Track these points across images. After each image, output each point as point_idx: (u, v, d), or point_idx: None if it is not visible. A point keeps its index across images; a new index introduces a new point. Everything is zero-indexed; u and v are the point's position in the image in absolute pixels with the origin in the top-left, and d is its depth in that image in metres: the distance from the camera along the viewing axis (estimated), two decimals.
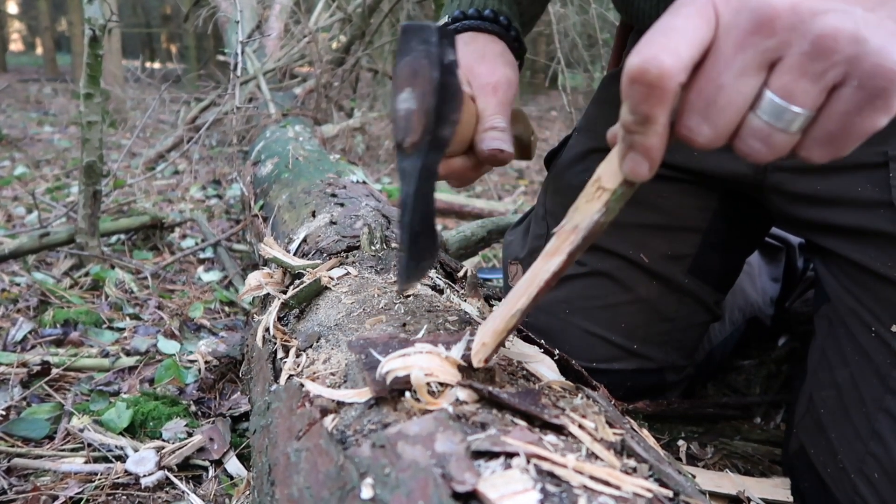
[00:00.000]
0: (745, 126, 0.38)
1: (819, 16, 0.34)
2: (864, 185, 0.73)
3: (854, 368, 0.74)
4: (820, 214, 0.78)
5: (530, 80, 8.17)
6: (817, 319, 0.83)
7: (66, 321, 1.28)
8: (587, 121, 1.05)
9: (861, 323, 0.74)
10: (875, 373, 0.71)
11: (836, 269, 0.78)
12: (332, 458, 0.42)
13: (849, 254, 0.75)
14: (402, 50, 0.48)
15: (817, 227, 0.80)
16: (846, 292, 0.76)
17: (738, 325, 1.19)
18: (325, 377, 0.55)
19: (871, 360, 0.72)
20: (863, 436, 0.71)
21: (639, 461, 0.43)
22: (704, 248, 0.94)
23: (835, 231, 0.77)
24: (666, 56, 0.36)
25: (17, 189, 2.49)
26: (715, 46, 0.37)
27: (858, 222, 0.74)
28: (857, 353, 0.74)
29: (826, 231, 0.79)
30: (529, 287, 0.46)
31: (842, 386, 0.75)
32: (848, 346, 0.75)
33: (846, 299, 0.76)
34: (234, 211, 2.29)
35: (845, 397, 0.74)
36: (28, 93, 6.43)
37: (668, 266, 0.94)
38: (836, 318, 0.78)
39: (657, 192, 0.92)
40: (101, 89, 1.50)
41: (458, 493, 0.34)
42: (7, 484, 0.81)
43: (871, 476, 0.70)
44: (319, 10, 3.04)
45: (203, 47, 10.59)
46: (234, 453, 0.88)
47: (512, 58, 0.78)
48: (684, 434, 1.02)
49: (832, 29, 0.34)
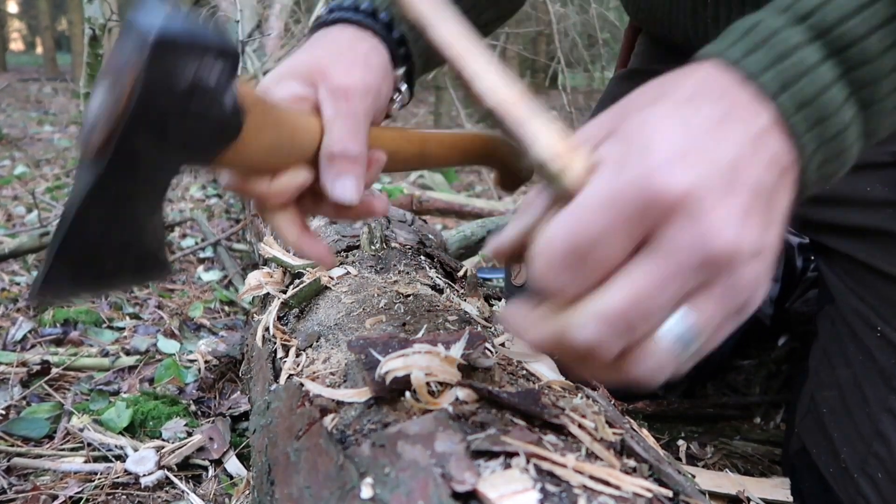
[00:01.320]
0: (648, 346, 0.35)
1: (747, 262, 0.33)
2: (874, 185, 0.73)
3: (857, 368, 0.74)
4: (827, 214, 0.78)
5: (530, 79, 8.17)
6: (820, 319, 0.83)
7: (66, 320, 1.28)
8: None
9: (865, 323, 0.73)
10: (879, 373, 0.71)
11: (841, 269, 0.78)
12: (332, 458, 0.42)
13: (855, 253, 0.75)
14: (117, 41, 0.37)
15: (823, 226, 0.79)
16: (851, 292, 0.76)
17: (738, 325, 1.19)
18: (324, 377, 0.55)
19: (875, 360, 0.72)
20: (866, 436, 0.71)
21: (638, 461, 0.43)
22: None
23: (841, 230, 0.77)
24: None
25: (17, 188, 2.49)
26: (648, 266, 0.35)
27: (866, 222, 0.74)
28: (861, 353, 0.74)
29: (832, 231, 0.78)
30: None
31: (844, 386, 0.75)
32: (851, 346, 0.75)
33: (850, 299, 0.76)
34: (233, 210, 2.29)
35: (848, 397, 0.74)
36: (28, 92, 6.43)
37: None
38: (839, 319, 0.78)
39: None
40: None
41: (457, 492, 0.34)
42: (7, 483, 0.81)
43: (875, 476, 0.70)
44: (319, 10, 3.05)
45: None
46: (233, 453, 0.88)
47: (382, 62, 0.59)
48: (684, 434, 1.02)
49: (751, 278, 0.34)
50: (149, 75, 0.35)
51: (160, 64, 0.36)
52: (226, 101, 0.39)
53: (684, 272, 0.33)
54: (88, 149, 0.37)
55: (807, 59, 0.35)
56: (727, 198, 0.33)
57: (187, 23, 0.37)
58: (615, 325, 0.33)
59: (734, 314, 0.35)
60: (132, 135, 0.37)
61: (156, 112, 0.37)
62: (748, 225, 0.33)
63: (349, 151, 0.50)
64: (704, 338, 0.35)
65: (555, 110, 6.68)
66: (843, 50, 0.35)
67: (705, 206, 0.32)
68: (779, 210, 0.36)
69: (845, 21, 0.35)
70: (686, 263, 0.32)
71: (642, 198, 0.32)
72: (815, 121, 0.35)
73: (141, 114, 0.36)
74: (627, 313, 0.33)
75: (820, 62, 0.35)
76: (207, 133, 0.40)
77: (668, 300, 0.33)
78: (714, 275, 0.33)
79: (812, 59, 0.35)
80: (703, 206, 0.32)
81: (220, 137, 0.41)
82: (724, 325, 0.36)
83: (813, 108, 0.35)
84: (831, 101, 0.35)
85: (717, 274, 0.33)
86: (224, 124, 0.40)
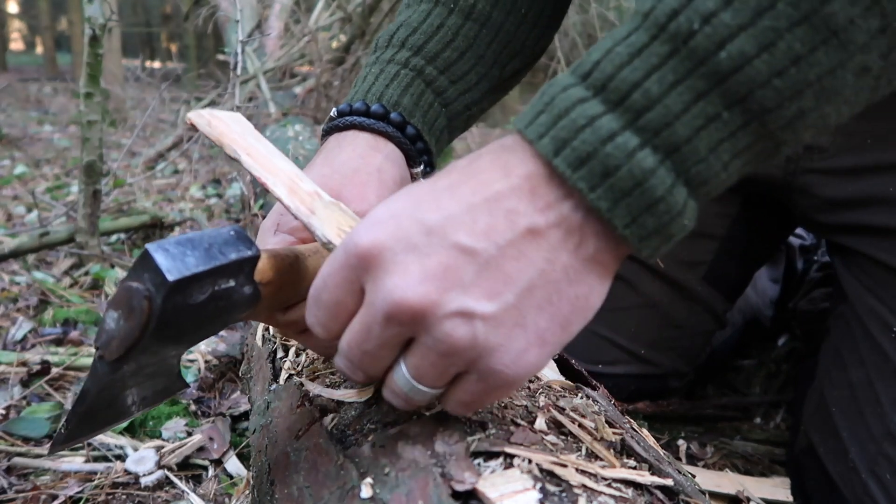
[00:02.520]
0: (390, 380, 0.39)
1: (441, 321, 0.34)
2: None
3: (870, 368, 0.74)
4: (847, 216, 0.78)
5: (530, 79, 8.16)
6: (833, 319, 0.83)
7: (66, 320, 1.28)
8: None
9: (881, 323, 0.73)
10: (893, 373, 0.71)
11: (858, 268, 0.78)
12: (332, 458, 0.42)
13: (874, 253, 0.75)
14: (132, 269, 0.39)
15: (842, 227, 0.79)
16: (867, 292, 0.76)
17: (738, 326, 1.19)
18: (324, 376, 0.55)
19: (889, 359, 0.72)
20: (876, 436, 0.71)
21: (638, 461, 0.43)
22: (720, 255, 0.94)
23: (860, 231, 0.77)
24: (319, 330, 0.39)
25: (17, 188, 2.49)
26: (360, 312, 0.37)
27: (887, 222, 0.74)
28: (875, 353, 0.73)
29: (851, 231, 0.78)
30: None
31: (856, 386, 0.75)
32: (865, 346, 0.75)
33: (867, 299, 0.76)
34: (233, 210, 2.29)
35: (860, 397, 0.74)
36: (28, 92, 6.42)
37: (683, 272, 0.93)
38: (853, 318, 0.78)
39: None
40: (101, 88, 1.50)
41: (457, 492, 0.34)
42: (7, 483, 0.81)
43: (883, 477, 0.70)
44: (319, 10, 3.04)
45: (203, 46, 10.58)
46: (233, 452, 0.88)
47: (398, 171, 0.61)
48: (684, 434, 1.02)
49: (452, 338, 0.34)
50: (165, 308, 0.37)
51: (177, 297, 0.37)
52: (244, 291, 0.41)
53: (379, 321, 0.35)
54: (106, 354, 0.39)
55: (587, 112, 0.33)
56: (416, 257, 0.34)
57: (204, 254, 0.39)
58: (350, 360, 0.38)
59: (478, 379, 0.36)
60: (150, 345, 0.39)
61: (173, 328, 0.39)
62: (446, 283, 0.34)
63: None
64: (429, 385, 0.37)
65: None
66: (624, 99, 0.33)
67: (391, 263, 0.35)
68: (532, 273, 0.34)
69: (620, 70, 0.33)
70: (377, 314, 0.35)
71: (344, 253, 0.36)
72: (602, 174, 0.33)
73: (157, 334, 0.38)
74: (350, 353, 0.38)
75: (601, 114, 0.33)
76: (224, 321, 0.43)
77: (381, 345, 0.37)
78: (414, 329, 0.35)
79: (592, 111, 0.33)
80: (390, 264, 0.35)
81: (238, 316, 0.43)
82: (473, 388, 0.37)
83: (597, 161, 0.33)
84: (618, 151, 0.33)
85: (415, 329, 0.35)
86: (242, 306, 0.42)
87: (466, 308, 0.34)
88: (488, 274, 0.34)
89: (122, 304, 0.39)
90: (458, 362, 0.35)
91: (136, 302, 0.37)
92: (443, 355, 0.35)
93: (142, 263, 0.38)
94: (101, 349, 0.40)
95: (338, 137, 0.61)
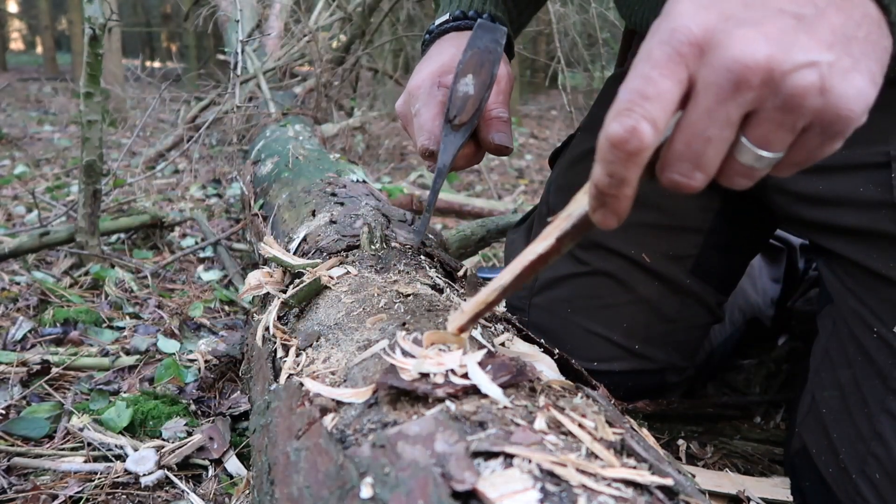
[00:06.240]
0: (728, 167, 0.42)
1: (789, 75, 0.38)
2: (866, 186, 0.73)
3: (856, 369, 0.74)
4: (822, 215, 0.78)
5: (530, 79, 8.16)
6: (820, 319, 0.83)
7: (66, 320, 1.28)
8: (591, 120, 1.05)
9: (863, 324, 0.73)
10: (877, 373, 0.71)
11: (839, 269, 0.78)
12: (332, 458, 0.42)
13: (851, 255, 0.75)
14: (473, 41, 0.59)
15: (819, 227, 0.80)
16: (849, 293, 0.76)
17: (739, 325, 1.19)
18: (324, 376, 0.55)
19: (874, 360, 0.72)
20: (865, 436, 0.71)
21: (638, 461, 0.43)
22: (706, 248, 0.94)
23: (837, 232, 0.77)
24: (645, 126, 0.40)
25: (17, 188, 2.49)
26: (696, 102, 0.40)
27: (860, 223, 0.74)
28: (860, 354, 0.74)
29: (828, 232, 0.78)
30: (515, 267, 0.47)
31: (844, 386, 0.75)
32: (850, 347, 0.75)
33: (849, 300, 0.76)
34: (234, 210, 2.29)
35: (848, 398, 0.74)
36: (28, 92, 6.43)
37: (670, 266, 0.93)
38: (839, 319, 0.78)
39: (659, 192, 0.92)
40: (101, 88, 1.50)
41: (457, 492, 0.34)
42: (7, 483, 0.81)
43: (873, 477, 0.70)
44: (319, 10, 3.04)
45: (203, 46, 10.57)
46: (233, 452, 0.88)
47: (506, 56, 0.84)
48: (684, 434, 1.02)
49: (802, 88, 0.38)
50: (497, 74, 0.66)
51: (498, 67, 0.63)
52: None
53: (726, 95, 0.39)
54: (458, 122, 0.62)
55: None
56: (750, 27, 0.39)
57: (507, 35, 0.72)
58: (690, 158, 0.41)
59: (820, 130, 0.40)
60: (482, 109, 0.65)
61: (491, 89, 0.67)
62: (785, 42, 0.38)
63: (503, 116, 0.74)
64: (776, 150, 0.41)
65: (554, 110, 6.68)
66: None
67: (727, 36, 0.39)
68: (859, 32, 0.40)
69: None
70: (723, 89, 0.39)
71: (670, 45, 0.40)
72: None
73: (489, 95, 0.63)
74: (691, 146, 0.41)
75: None
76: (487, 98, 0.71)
77: (724, 125, 0.40)
78: (761, 93, 0.39)
79: None
80: (727, 39, 0.39)
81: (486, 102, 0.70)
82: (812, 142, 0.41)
83: None
84: None
85: (763, 91, 0.39)
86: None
87: (809, 59, 0.38)
88: (818, 30, 0.39)
89: (472, 67, 0.60)
90: (807, 114, 0.39)
91: (485, 59, 0.57)
92: (791, 112, 0.39)
93: (478, 34, 0.60)
94: (456, 116, 0.58)
95: (441, 41, 0.83)
